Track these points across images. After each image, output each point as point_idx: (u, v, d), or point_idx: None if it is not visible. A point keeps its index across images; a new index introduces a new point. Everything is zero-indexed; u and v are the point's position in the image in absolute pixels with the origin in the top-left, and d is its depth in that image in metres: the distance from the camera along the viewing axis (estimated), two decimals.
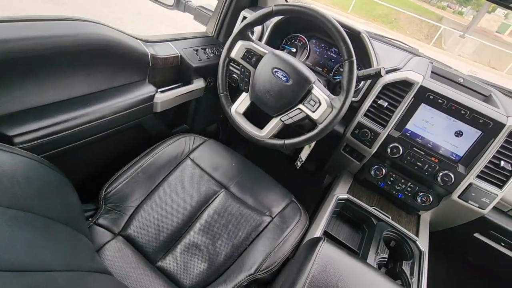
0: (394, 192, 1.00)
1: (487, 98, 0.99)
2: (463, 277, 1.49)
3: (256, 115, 0.95)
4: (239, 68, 0.91)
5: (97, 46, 0.76)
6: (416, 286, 0.79)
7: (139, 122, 0.95)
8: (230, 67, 1.05)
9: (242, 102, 0.91)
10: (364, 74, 0.86)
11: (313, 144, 0.98)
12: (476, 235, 1.00)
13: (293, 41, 1.20)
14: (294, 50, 1.20)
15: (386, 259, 0.83)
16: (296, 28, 1.19)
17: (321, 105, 0.80)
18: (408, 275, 0.80)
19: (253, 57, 0.87)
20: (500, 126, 0.82)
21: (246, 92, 0.91)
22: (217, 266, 0.77)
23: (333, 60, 1.14)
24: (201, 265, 0.77)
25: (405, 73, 0.92)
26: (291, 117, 0.85)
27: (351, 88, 0.77)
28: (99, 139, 0.84)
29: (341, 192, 1.00)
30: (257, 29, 1.12)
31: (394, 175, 0.99)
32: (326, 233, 0.91)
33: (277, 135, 0.90)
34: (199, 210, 0.87)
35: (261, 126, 0.91)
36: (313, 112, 0.81)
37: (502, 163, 0.83)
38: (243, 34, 0.87)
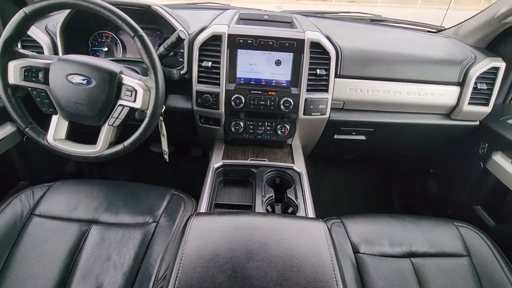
0: (259, 137, 1.05)
1: (290, 24, 1.10)
2: (350, 175, 1.76)
3: (86, 131, 0.84)
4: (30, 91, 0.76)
5: None
6: (303, 204, 0.86)
7: None
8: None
9: (57, 126, 0.78)
10: (168, 44, 0.83)
11: (164, 131, 0.94)
12: (335, 137, 1.16)
13: (100, 40, 1.08)
14: (106, 49, 1.08)
15: (272, 198, 0.88)
16: (97, 24, 1.07)
17: (138, 91, 0.74)
18: (294, 199, 0.87)
19: (38, 74, 0.73)
20: (301, 42, 0.93)
21: (56, 114, 0.78)
22: None
23: None
24: None
25: (211, 29, 0.94)
26: (117, 118, 0.77)
27: (155, 62, 0.73)
28: None
29: (216, 161, 1.00)
30: (45, 41, 0.95)
31: (251, 123, 1.03)
32: (216, 205, 0.90)
33: (119, 141, 0.81)
34: (71, 261, 0.74)
35: (95, 141, 0.80)
36: (134, 102, 0.75)
37: (318, 71, 0.95)
38: (10, 53, 0.72)
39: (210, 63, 0.94)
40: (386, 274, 0.84)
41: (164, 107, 0.87)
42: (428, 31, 1.32)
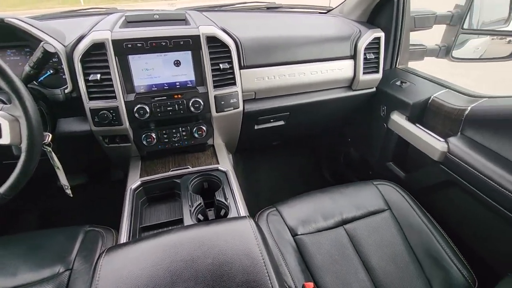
0: (176, 144, 0.98)
1: (184, 21, 1.04)
2: (282, 160, 1.82)
3: None
4: None
5: None
6: (234, 203, 0.83)
7: None
8: None
9: None
10: (34, 61, 0.70)
11: (58, 163, 0.80)
12: (256, 127, 1.16)
13: None
14: None
15: (201, 205, 0.83)
16: None
17: (1, 124, 0.60)
18: (224, 200, 0.84)
19: None
20: (197, 38, 0.88)
21: None
22: None
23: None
24: None
25: (90, 36, 0.82)
26: None
27: (15, 85, 0.60)
28: None
29: (133, 181, 0.90)
30: None
31: (164, 131, 0.96)
32: (142, 229, 0.81)
33: None
34: None
35: None
36: (0, 137, 0.61)
37: (221, 65, 0.93)
38: None
39: (98, 75, 0.83)
40: (324, 247, 0.87)
41: (50, 136, 0.74)
42: (320, 13, 1.41)
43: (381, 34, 1.13)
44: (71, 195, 0.85)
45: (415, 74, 1.20)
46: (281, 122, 1.20)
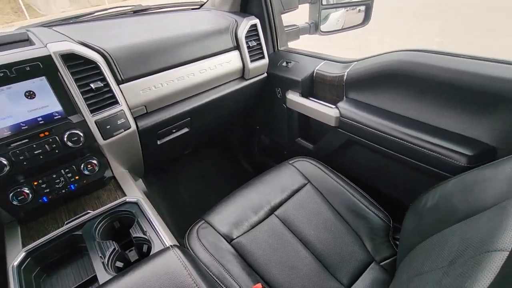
0: (63, 191, 0.80)
1: (29, 42, 0.84)
2: (199, 167, 1.74)
3: None
4: None
5: None
6: (154, 232, 0.73)
7: None
8: None
9: None
10: None
11: None
12: (159, 143, 1.06)
13: None
14: None
15: (116, 250, 0.70)
16: None
17: None
18: (142, 235, 0.73)
19: None
20: (48, 59, 0.72)
21: None
22: None
23: None
24: None
25: None
26: None
27: None
28: None
29: (14, 255, 0.70)
30: None
31: (41, 181, 0.77)
32: None
33: None
34: None
35: None
36: None
37: (92, 85, 0.78)
38: None
39: None
40: (262, 241, 0.86)
41: None
42: (192, 8, 1.35)
43: (256, 21, 1.16)
44: None
45: (296, 53, 1.28)
46: (185, 130, 1.12)
